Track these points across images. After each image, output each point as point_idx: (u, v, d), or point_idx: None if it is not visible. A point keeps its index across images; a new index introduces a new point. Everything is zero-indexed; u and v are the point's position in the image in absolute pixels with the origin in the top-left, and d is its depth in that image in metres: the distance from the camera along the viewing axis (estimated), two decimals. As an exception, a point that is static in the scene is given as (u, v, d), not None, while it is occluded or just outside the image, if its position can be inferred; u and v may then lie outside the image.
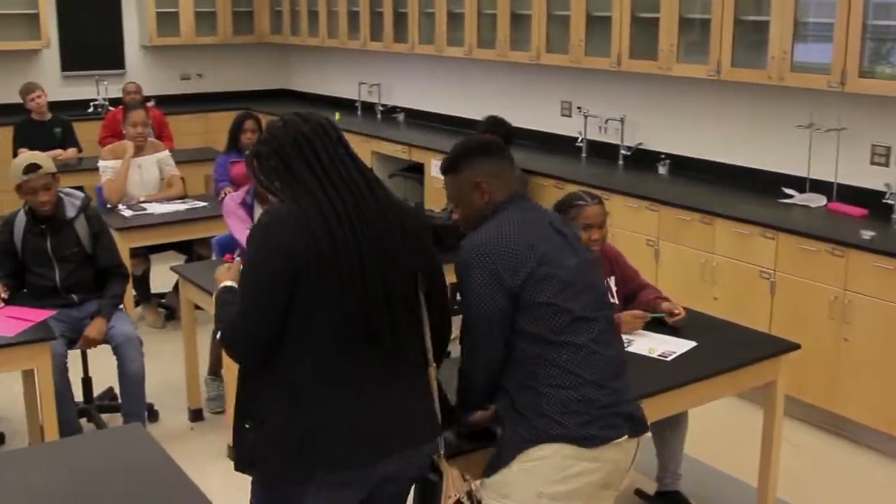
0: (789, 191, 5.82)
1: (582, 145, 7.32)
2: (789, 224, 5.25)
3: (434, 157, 7.72)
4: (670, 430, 4.16)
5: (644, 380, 3.57)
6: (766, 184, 6.00)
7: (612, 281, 4.15)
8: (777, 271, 5.20)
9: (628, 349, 3.80)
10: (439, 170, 3.06)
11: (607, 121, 7.13)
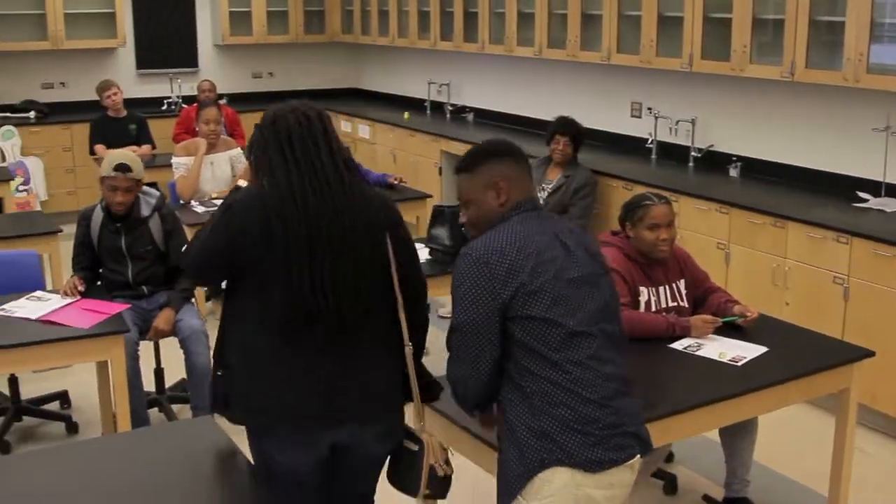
0: (864, 194, 5.72)
1: (652, 147, 7.27)
2: (864, 229, 5.15)
3: (502, 157, 7.71)
4: (740, 435, 4.12)
5: (714, 385, 3.55)
6: (840, 187, 5.90)
7: (681, 284, 4.12)
8: (851, 277, 5.11)
9: (698, 353, 3.78)
10: (455, 169, 2.98)
11: (678, 122, 7.06)
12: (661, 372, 3.74)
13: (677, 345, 3.86)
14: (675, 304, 4.09)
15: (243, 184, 3.16)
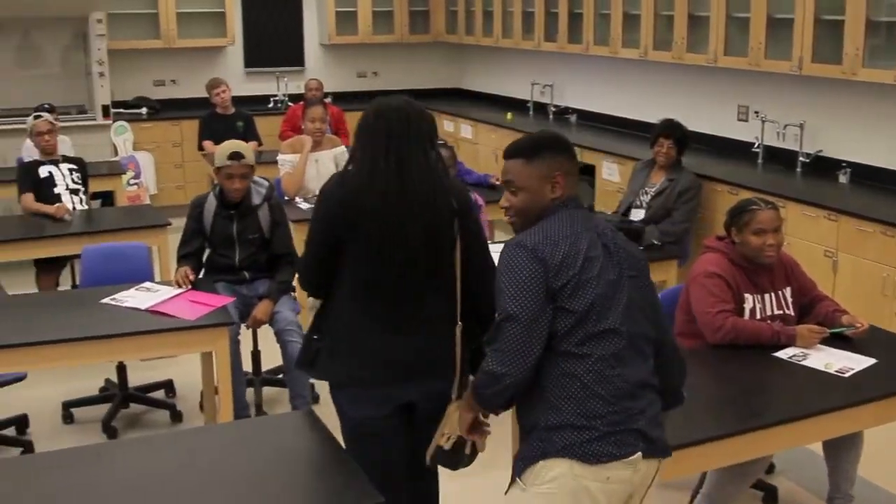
0: (981, 204, 5.54)
1: (758, 151, 7.14)
2: (980, 239, 4.99)
3: (605, 159, 7.66)
4: (844, 449, 4.01)
5: (819, 396, 3.48)
6: (956, 196, 5.73)
7: (787, 291, 4.04)
8: (965, 288, 4.95)
9: (803, 363, 3.71)
10: (508, 152, 2.94)
11: (786, 126, 6.92)
12: (765, 381, 3.68)
13: (782, 354, 3.80)
14: (781, 312, 4.01)
15: None
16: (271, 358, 5.47)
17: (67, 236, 6.06)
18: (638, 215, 6.29)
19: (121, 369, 5.38)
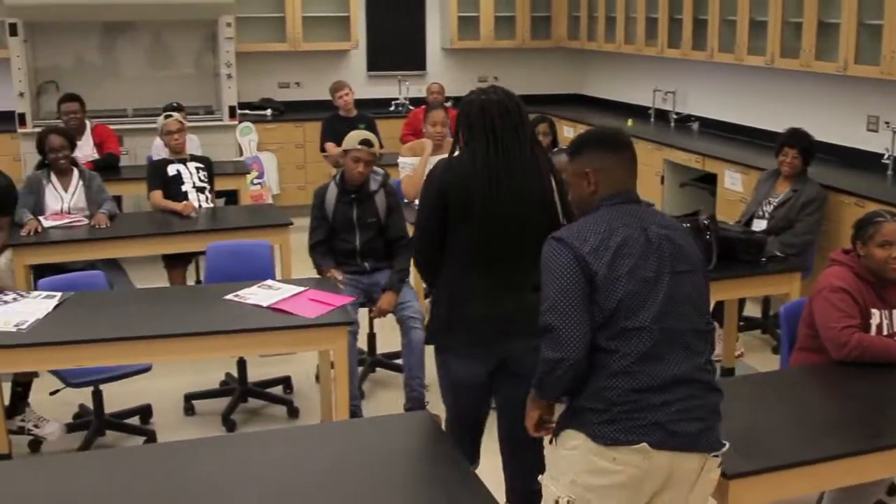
0: None
1: (888, 162, 6.91)
2: None
3: (728, 168, 7.53)
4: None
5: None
6: None
7: (916, 307, 3.92)
8: None
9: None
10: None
11: (918, 138, 6.70)
12: (889, 399, 3.57)
13: (909, 371, 3.68)
14: (909, 328, 3.90)
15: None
16: (386, 342, 5.87)
17: (193, 233, 6.23)
18: (760, 226, 6.16)
19: (241, 364, 5.51)
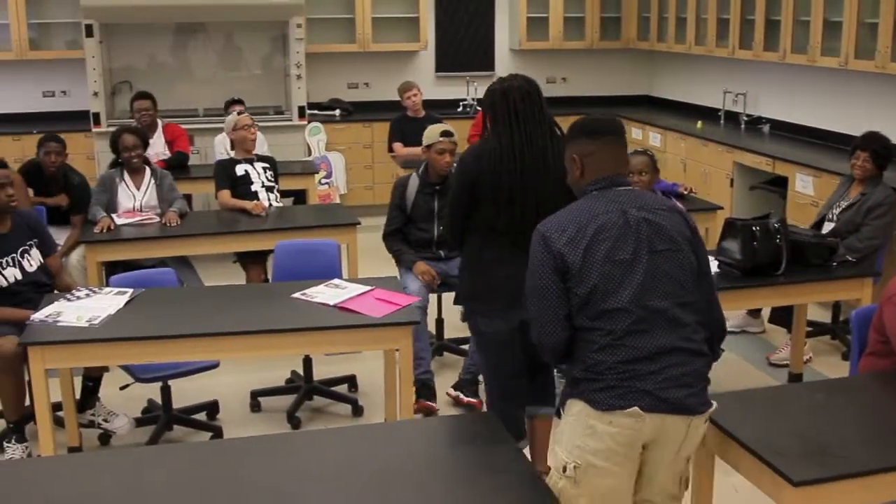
0: None
1: (967, 167, 6.76)
2: None
3: (800, 171, 7.41)
4: None
5: None
6: None
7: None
8: None
9: None
10: None
11: None
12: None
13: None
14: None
15: None
16: (455, 328, 6.28)
17: (262, 232, 6.28)
18: (828, 229, 6.05)
19: (307, 362, 5.56)
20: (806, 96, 8.66)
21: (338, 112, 10.41)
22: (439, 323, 6.20)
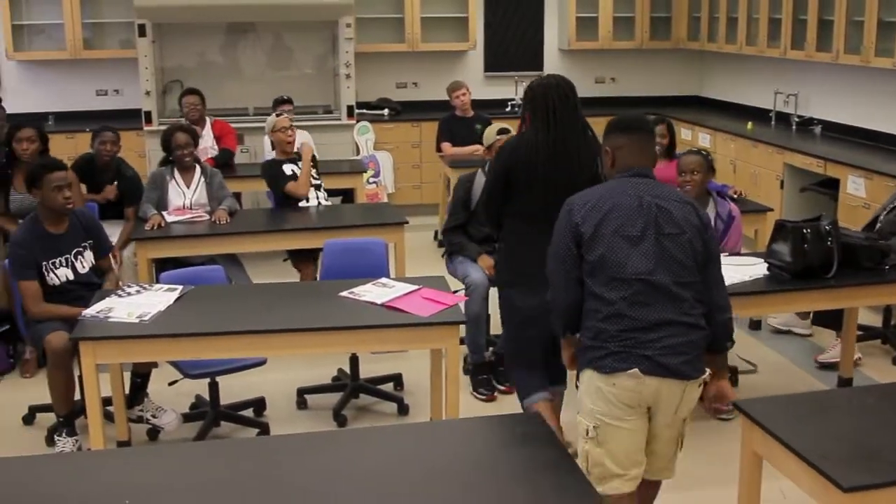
0: None
1: None
2: None
3: (852, 172, 7.32)
4: None
5: None
6: None
7: None
8: None
9: None
10: None
11: None
12: None
13: None
14: None
15: None
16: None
17: (310, 230, 6.32)
18: (880, 232, 5.95)
19: (353, 360, 5.58)
20: (859, 97, 8.54)
21: (386, 111, 10.44)
22: (486, 319, 6.08)
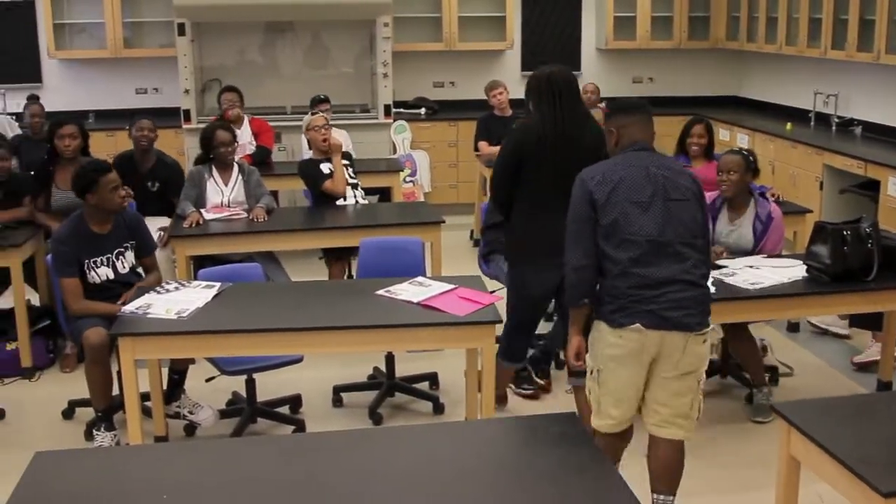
0: None
1: None
2: None
3: (893, 174, 7.25)
4: None
5: None
6: None
7: None
8: None
9: None
10: None
11: None
12: None
13: None
14: None
15: None
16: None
17: (347, 229, 6.34)
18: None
19: (389, 359, 5.60)
20: (901, 98, 8.46)
21: (423, 110, 10.46)
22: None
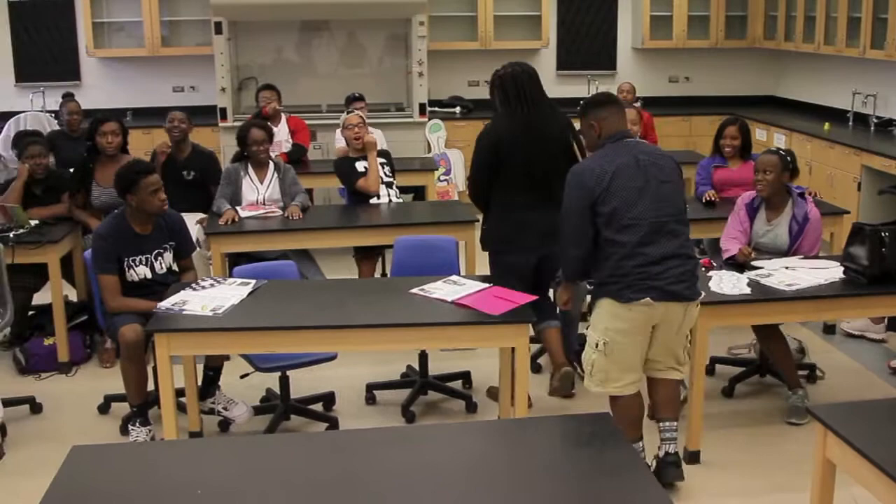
0: None
1: None
2: None
3: (932, 175, 7.17)
4: None
5: None
6: None
7: None
8: None
9: None
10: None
11: None
12: None
13: None
14: None
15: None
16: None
17: (381, 227, 6.35)
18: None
19: (422, 357, 5.60)
20: (941, 98, 8.36)
21: (458, 109, 10.46)
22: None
